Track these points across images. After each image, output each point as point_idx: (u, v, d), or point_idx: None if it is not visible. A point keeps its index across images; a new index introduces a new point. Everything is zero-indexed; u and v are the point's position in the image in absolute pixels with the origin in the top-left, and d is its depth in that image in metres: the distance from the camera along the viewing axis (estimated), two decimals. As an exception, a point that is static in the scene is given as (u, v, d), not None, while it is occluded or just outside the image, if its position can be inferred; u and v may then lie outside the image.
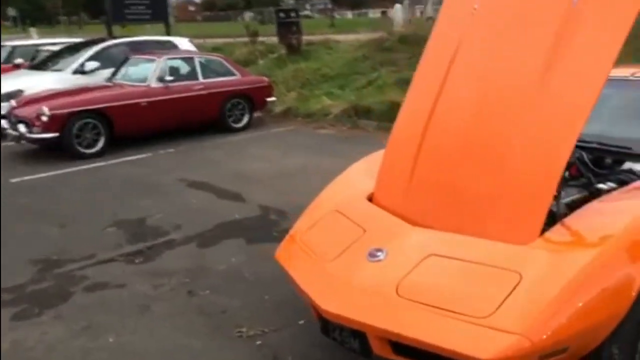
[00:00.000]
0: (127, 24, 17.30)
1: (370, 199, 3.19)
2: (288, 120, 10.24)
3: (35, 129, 7.52)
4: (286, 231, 4.59)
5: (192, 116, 8.87)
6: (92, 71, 9.90)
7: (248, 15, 67.48)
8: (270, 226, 5.05)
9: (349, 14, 70.44)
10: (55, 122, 7.49)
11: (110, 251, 4.62)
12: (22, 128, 7.56)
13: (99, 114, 7.84)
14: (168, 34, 16.42)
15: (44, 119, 7.45)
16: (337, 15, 60.66)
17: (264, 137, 9.05)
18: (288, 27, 16.92)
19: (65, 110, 7.58)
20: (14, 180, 6.84)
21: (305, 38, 15.82)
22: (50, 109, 7.46)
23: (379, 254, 2.59)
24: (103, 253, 4.58)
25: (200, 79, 8.96)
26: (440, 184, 2.81)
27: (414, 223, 2.75)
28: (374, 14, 69.15)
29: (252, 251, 4.52)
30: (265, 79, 10.08)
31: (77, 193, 6.31)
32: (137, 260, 4.43)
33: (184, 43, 11.54)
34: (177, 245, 4.72)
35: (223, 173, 6.88)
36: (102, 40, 11.09)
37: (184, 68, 8.95)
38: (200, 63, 9.08)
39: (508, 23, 2.93)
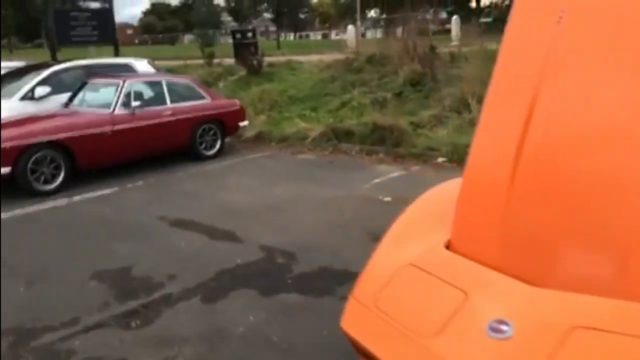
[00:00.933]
0: (72, 46, 16.23)
1: (447, 247, 2.61)
2: (261, 145, 9.59)
3: (-15, 163, 6.59)
4: (302, 277, 3.97)
5: (160, 144, 8.10)
6: (43, 97, 8.98)
7: (187, 37, 66.49)
8: (281, 272, 4.38)
9: (291, 36, 70.46)
10: (6, 156, 6.57)
11: (97, 313, 3.84)
12: (-33, 163, 6.61)
13: (57, 145, 6.96)
14: (116, 56, 15.55)
15: (-6, 152, 6.54)
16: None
17: (240, 164, 8.36)
18: (246, 48, 16.35)
19: (18, 143, 6.68)
20: (-39, 226, 5.89)
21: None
22: (2, 141, 6.55)
23: (504, 328, 2.00)
24: (89, 316, 3.79)
25: (169, 104, 8.21)
26: (561, 232, 2.25)
27: (527, 281, 2.18)
28: (315, 36, 69.56)
29: (270, 306, 3.84)
30: (237, 102, 9.41)
31: (42, 239, 5.44)
32: (133, 324, 3.67)
33: (142, 65, 10.72)
34: (177, 301, 3.98)
35: (207, 208, 6.16)
36: (50, 64, 10.15)
37: (150, 92, 8.17)
38: (168, 86, 8.33)
39: (614, 31, 2.42)
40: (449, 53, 11.06)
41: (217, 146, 8.78)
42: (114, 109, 7.57)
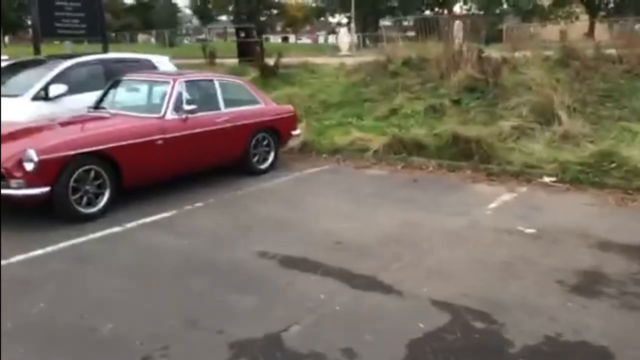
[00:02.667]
0: (58, 39, 14.55)
1: None
2: (310, 157, 8.32)
3: (14, 183, 5.13)
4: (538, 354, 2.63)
5: (214, 156, 6.77)
6: (58, 97, 7.49)
7: (141, 37, 63.93)
8: (499, 346, 3.21)
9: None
10: (46, 171, 5.15)
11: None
12: (-9, 180, 5.14)
13: (102, 158, 5.57)
14: (105, 51, 14.00)
15: (30, 167, 5.09)
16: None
17: (305, 181, 7.11)
18: (250, 47, 15.08)
19: (61, 154, 5.26)
20: (-5, 265, 4.46)
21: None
22: (40, 152, 5.12)
23: None
24: None
25: (223, 109, 6.88)
26: None
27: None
28: (275, 39, 68.13)
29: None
30: (291, 107, 8.13)
31: (111, 287, 4.08)
32: None
33: (163, 62, 9.30)
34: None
35: (308, 240, 4.92)
36: (63, 58, 8.62)
37: (202, 94, 6.82)
38: (221, 88, 6.99)
39: None
40: (501, 58, 10.05)
41: (270, 158, 7.49)
42: (164, 114, 6.20)
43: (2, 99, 7.28)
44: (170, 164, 6.22)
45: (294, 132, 7.93)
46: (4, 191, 5.12)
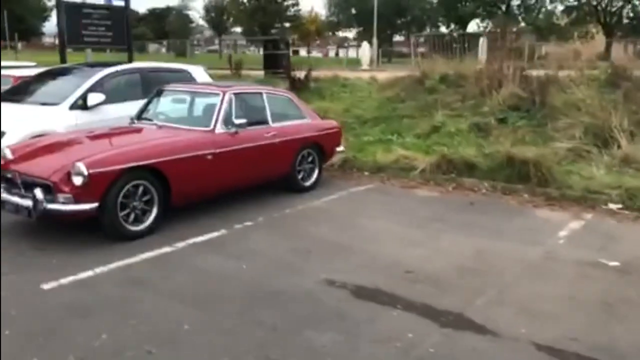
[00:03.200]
0: (83, 47, 14.32)
1: None
2: (351, 174, 7.98)
3: (62, 197, 4.81)
4: None
5: (262, 173, 6.45)
6: (96, 106, 7.21)
7: (152, 46, 63.93)
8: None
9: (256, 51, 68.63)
10: (96, 185, 4.83)
11: None
12: (38, 194, 4.81)
13: (152, 172, 5.25)
14: (130, 61, 13.79)
15: (79, 181, 4.78)
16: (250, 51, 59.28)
17: (355, 200, 6.77)
18: (278, 59, 14.83)
19: (111, 168, 4.94)
20: (47, 287, 4.12)
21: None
22: (90, 166, 4.80)
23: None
24: None
25: (271, 123, 6.57)
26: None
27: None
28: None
29: None
30: (335, 122, 7.82)
31: (178, 311, 3.73)
32: None
33: (199, 73, 9.02)
34: None
35: (376, 267, 4.58)
36: (99, 65, 8.35)
37: (250, 107, 6.49)
38: (269, 101, 6.68)
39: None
40: (546, 76, 9.72)
41: (315, 175, 7.17)
42: (213, 127, 5.88)
43: (35, 106, 7.03)
44: (219, 180, 5.90)
45: (338, 149, 7.61)
46: (50, 206, 4.81)
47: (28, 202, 4.91)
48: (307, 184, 7.05)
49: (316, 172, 7.17)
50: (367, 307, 3.90)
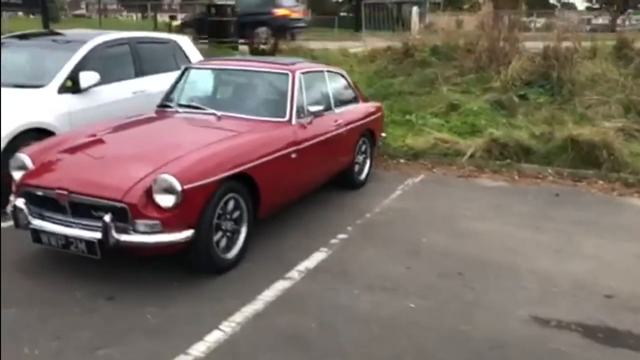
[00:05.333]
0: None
1: None
2: (383, 162, 6.98)
3: (143, 225, 3.42)
4: None
5: (331, 169, 5.34)
6: (90, 88, 5.62)
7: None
8: None
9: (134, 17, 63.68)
10: (191, 205, 3.49)
11: None
12: (109, 222, 3.37)
13: (243, 181, 3.95)
14: (46, 27, 11.69)
15: (169, 200, 3.41)
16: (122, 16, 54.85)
17: (422, 196, 5.80)
18: (224, 27, 13.27)
19: (210, 180, 3.60)
20: (181, 367, 2.82)
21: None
22: (183, 178, 3.44)
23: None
24: None
25: (334, 109, 5.40)
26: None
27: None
28: (162, 17, 63.62)
29: None
30: (379, 104, 6.75)
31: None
32: None
33: (186, 44, 7.49)
34: None
35: (570, 294, 3.72)
36: (83, 36, 6.54)
37: (317, 91, 5.26)
38: (330, 82, 5.50)
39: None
40: (556, 49, 9.22)
41: (367, 167, 6.13)
42: (289, 117, 4.63)
43: (16, 91, 5.33)
44: (300, 183, 4.74)
45: (383, 134, 6.59)
46: (125, 237, 3.41)
47: (89, 234, 3.46)
48: (362, 177, 5.99)
49: (368, 163, 6.12)
50: (609, 353, 3.03)
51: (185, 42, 7.48)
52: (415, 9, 19.67)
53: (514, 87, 8.66)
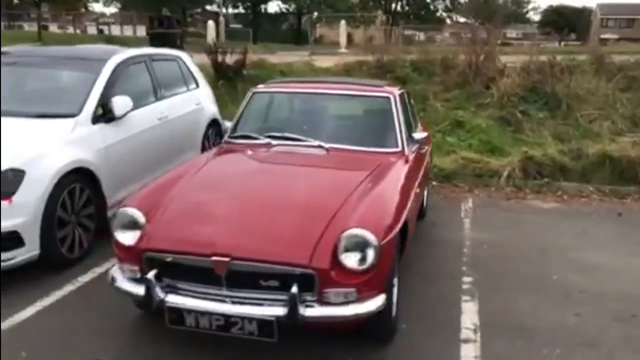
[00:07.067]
0: None
1: None
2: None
3: (334, 294, 2.73)
4: None
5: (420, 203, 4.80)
6: (125, 115, 4.71)
7: None
8: None
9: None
10: (384, 264, 2.84)
11: None
12: (295, 293, 2.64)
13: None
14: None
15: (369, 260, 2.74)
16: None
17: (493, 224, 5.38)
18: (169, 39, 12.28)
19: (395, 232, 2.96)
20: None
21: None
22: (378, 231, 2.79)
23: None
24: None
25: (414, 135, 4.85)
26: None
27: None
28: (31, 26, 58.90)
29: None
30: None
31: None
32: None
33: (187, 60, 6.61)
34: None
35: None
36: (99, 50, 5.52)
37: (405, 115, 4.66)
38: (409, 106, 4.97)
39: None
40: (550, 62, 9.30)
41: (426, 195, 5.64)
42: (402, 147, 4.05)
43: (45, 122, 4.31)
44: (413, 222, 4.13)
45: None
46: (311, 312, 2.70)
47: (261, 311, 2.70)
48: (424, 206, 5.51)
49: (426, 191, 5.65)
50: None
51: (186, 58, 6.62)
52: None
53: (509, 102, 8.59)
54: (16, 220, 3.59)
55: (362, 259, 2.73)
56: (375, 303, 2.79)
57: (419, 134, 4.31)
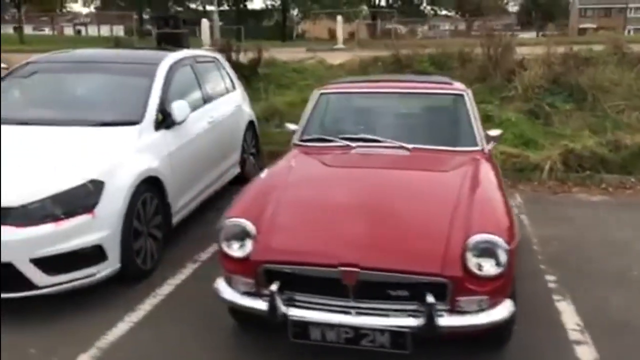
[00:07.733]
0: None
1: None
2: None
3: (467, 303, 2.65)
4: None
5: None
6: (184, 120, 4.57)
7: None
8: None
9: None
10: (511, 270, 2.77)
11: None
12: (430, 300, 2.55)
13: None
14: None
15: (496, 267, 2.66)
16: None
17: (550, 218, 5.39)
18: (174, 39, 12.08)
19: (517, 236, 2.88)
20: None
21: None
22: (507, 235, 2.72)
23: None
24: None
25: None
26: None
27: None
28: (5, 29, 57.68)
29: None
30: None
31: None
32: None
33: (223, 61, 6.48)
34: None
35: None
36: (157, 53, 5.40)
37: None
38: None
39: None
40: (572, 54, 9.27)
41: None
42: (482, 146, 3.96)
43: (110, 130, 4.15)
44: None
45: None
46: (447, 322, 2.63)
47: (394, 322, 2.61)
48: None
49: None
50: None
51: (222, 59, 6.48)
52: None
53: (534, 95, 8.55)
54: (100, 233, 3.44)
55: (496, 265, 2.65)
56: (507, 308, 2.72)
57: (494, 132, 4.22)
